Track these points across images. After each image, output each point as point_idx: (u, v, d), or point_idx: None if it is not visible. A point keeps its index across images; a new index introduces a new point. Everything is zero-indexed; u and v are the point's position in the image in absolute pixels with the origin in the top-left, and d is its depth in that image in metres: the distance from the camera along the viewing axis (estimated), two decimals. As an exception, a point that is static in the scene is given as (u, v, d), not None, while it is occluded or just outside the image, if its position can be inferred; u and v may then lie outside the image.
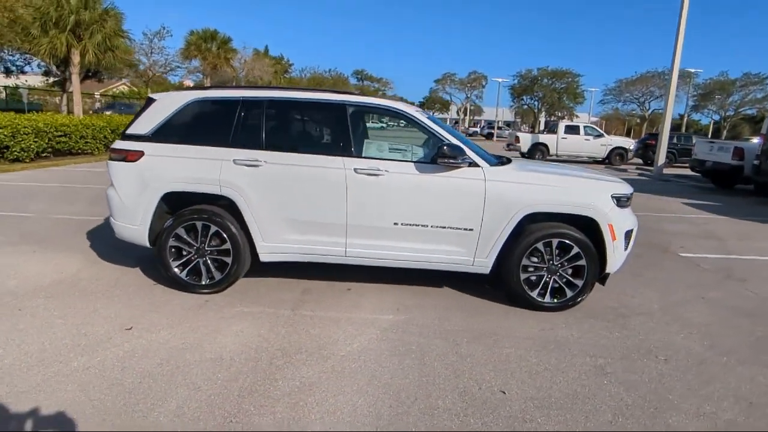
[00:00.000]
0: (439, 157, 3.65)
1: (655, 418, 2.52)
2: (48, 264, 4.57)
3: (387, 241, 3.89)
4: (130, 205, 3.96)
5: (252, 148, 3.85)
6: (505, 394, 2.70)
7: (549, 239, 3.77)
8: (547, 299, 3.87)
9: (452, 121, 72.72)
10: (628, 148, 20.28)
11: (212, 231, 3.89)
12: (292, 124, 4.07)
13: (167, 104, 4.00)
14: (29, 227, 5.90)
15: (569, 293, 3.85)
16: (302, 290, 4.18)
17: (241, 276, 4.09)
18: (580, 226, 3.82)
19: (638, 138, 26.12)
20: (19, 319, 3.39)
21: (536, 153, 19.90)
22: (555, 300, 3.88)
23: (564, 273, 3.85)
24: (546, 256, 3.82)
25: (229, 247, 3.89)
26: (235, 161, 3.81)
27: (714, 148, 12.50)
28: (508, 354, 3.17)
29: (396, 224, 3.82)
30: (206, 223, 3.87)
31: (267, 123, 3.90)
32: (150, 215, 3.93)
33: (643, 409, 2.60)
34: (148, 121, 3.99)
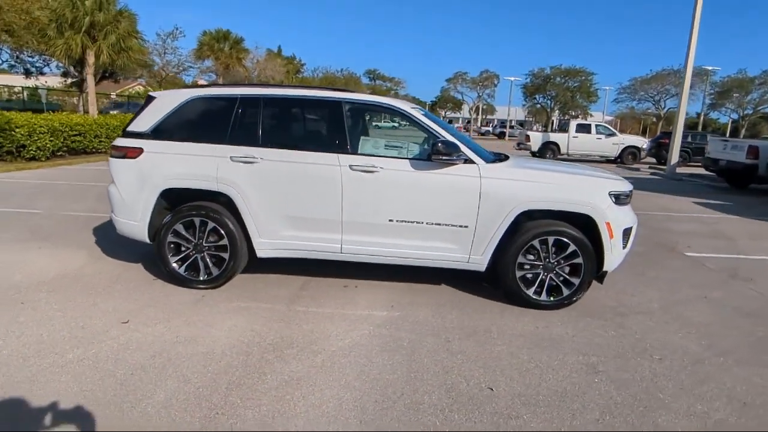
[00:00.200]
0: (434, 154, 3.65)
1: (644, 417, 2.49)
2: (53, 259, 4.67)
3: (382, 238, 3.89)
4: (130, 202, 4.03)
5: (249, 145, 3.88)
6: (492, 390, 2.69)
7: (545, 237, 3.74)
8: (543, 297, 3.84)
9: (464, 120, 72.39)
10: (641, 147, 19.97)
11: (210, 227, 3.94)
12: (289, 122, 4.10)
13: (166, 102, 4.06)
14: (38, 223, 6.03)
15: (566, 291, 3.82)
16: (299, 286, 4.21)
17: (239, 272, 4.13)
18: (578, 223, 3.79)
19: (652, 137, 25.70)
20: (21, 311, 3.47)
21: (547, 152, 19.72)
22: (551, 298, 3.84)
23: (560, 271, 3.81)
24: (542, 254, 3.79)
25: (227, 243, 3.93)
26: (232, 158, 3.85)
27: (728, 147, 12.25)
28: (499, 351, 3.16)
29: (391, 221, 3.83)
30: (204, 220, 3.92)
31: (263, 120, 3.94)
32: (149, 211, 3.99)
33: (632, 407, 2.57)
34: (147, 119, 4.05)
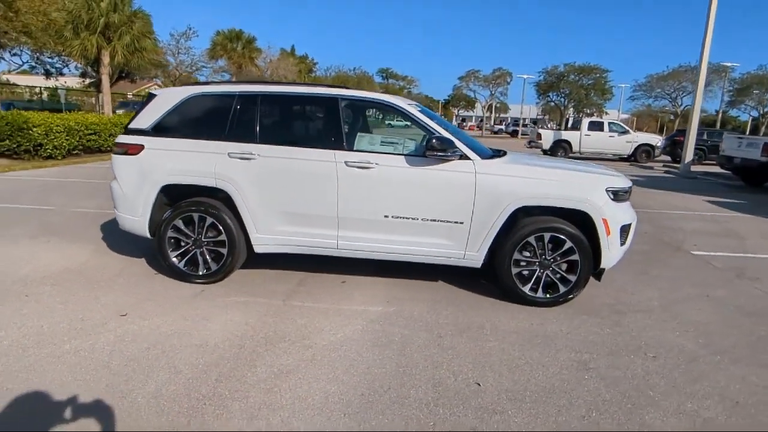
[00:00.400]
0: (428, 150, 3.64)
1: (631, 414, 2.46)
2: (59, 254, 4.79)
3: (378, 234, 3.90)
4: (131, 197, 4.11)
5: (246, 141, 3.93)
6: (479, 386, 2.69)
7: (541, 233, 3.71)
8: (539, 294, 3.82)
9: (477, 118, 71.90)
10: (655, 145, 19.61)
11: (208, 222, 3.99)
12: (286, 118, 4.13)
13: (167, 99, 4.13)
14: (49, 220, 6.18)
15: (562, 288, 3.79)
16: (297, 282, 4.25)
17: (237, 267, 4.18)
18: (575, 220, 3.75)
19: (669, 135, 25.24)
20: (24, 304, 3.57)
21: (558, 150, 19.50)
22: (547, 295, 3.82)
23: (557, 268, 3.79)
24: (538, 251, 3.76)
25: (225, 238, 3.98)
26: (230, 154, 3.90)
27: (743, 144, 11.97)
28: (491, 347, 3.15)
29: (386, 217, 3.84)
30: (203, 215, 3.98)
31: (261, 117, 3.98)
32: (150, 207, 4.06)
33: (620, 405, 2.55)
34: (148, 116, 4.13)
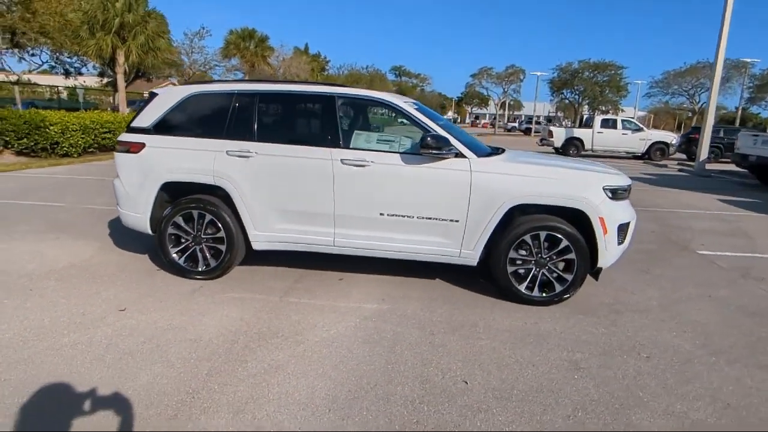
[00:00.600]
0: (423, 148, 3.64)
1: (618, 415, 2.44)
2: (66, 250, 4.90)
3: (374, 232, 3.92)
4: (133, 194, 4.19)
5: (244, 139, 3.97)
6: (467, 384, 2.69)
7: (536, 232, 3.69)
8: (535, 293, 3.79)
9: (491, 116, 71.40)
10: (670, 143, 19.26)
11: (207, 220, 4.05)
12: (283, 116, 4.17)
13: (168, 98, 4.19)
14: (58, 216, 6.32)
15: (558, 287, 3.76)
16: (295, 279, 4.29)
17: (236, 264, 4.24)
18: (572, 219, 3.72)
19: (684, 132, 24.76)
20: (28, 298, 3.66)
21: (570, 148, 19.30)
22: (543, 294, 3.79)
23: (553, 267, 3.76)
24: (534, 249, 3.74)
25: (223, 235, 4.04)
26: (228, 152, 3.95)
27: (758, 142, 11.68)
28: (482, 346, 3.15)
29: (382, 215, 3.85)
30: (202, 212, 4.04)
31: (259, 115, 4.02)
32: (151, 204, 4.13)
33: (608, 405, 2.53)
34: (150, 115, 4.20)
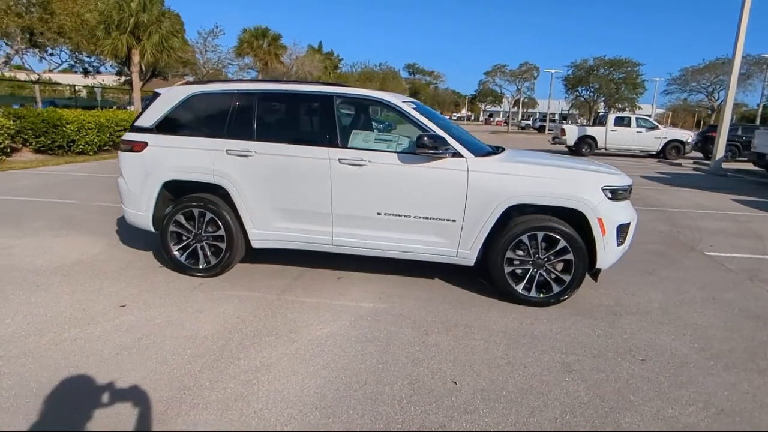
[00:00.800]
0: (419, 147, 3.64)
1: (606, 418, 2.42)
2: (74, 246, 5.01)
3: (371, 231, 3.93)
4: (136, 193, 4.27)
5: (244, 139, 4.01)
6: (456, 384, 2.69)
7: (534, 232, 3.66)
8: (532, 293, 3.77)
9: (505, 114, 70.81)
10: (686, 141, 18.88)
11: (208, 218, 4.11)
12: (282, 116, 4.20)
13: (170, 98, 4.26)
14: (70, 213, 6.47)
15: (556, 288, 3.73)
16: (295, 277, 4.32)
17: (236, 262, 4.29)
18: (570, 219, 3.68)
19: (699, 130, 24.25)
20: (34, 293, 3.76)
21: (583, 146, 19.06)
22: (541, 295, 3.76)
23: (551, 267, 3.73)
24: (531, 250, 3.71)
25: (223, 233, 4.09)
26: (228, 152, 4.00)
27: (776, 140, 11.40)
28: (474, 346, 3.14)
29: (379, 214, 3.86)
30: (202, 211, 4.09)
31: (258, 115, 4.05)
32: (153, 202, 4.20)
33: (597, 408, 2.50)
34: (152, 114, 4.27)
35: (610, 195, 3.66)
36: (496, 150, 4.31)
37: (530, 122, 60.27)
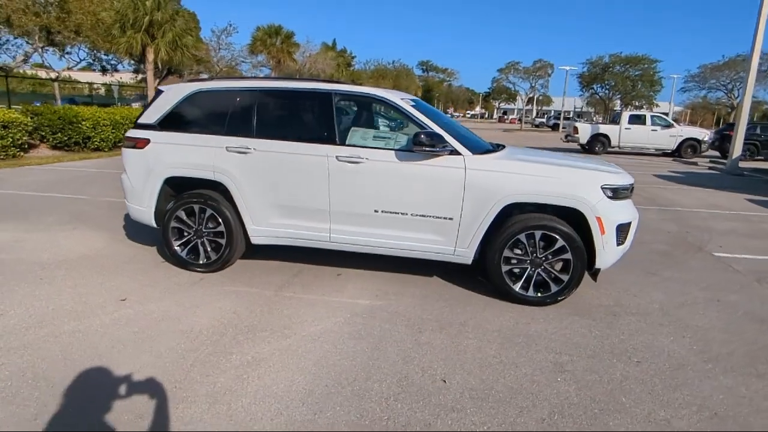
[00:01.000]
0: (416, 145, 3.63)
1: (595, 420, 2.39)
2: (80, 241, 5.11)
3: (369, 228, 3.93)
4: (138, 189, 4.33)
5: (244, 136, 4.04)
6: (445, 383, 2.68)
7: (531, 231, 3.62)
8: (530, 293, 3.73)
9: (520, 111, 70.17)
10: (702, 140, 18.47)
11: (208, 214, 4.15)
12: (281, 113, 4.21)
13: (172, 95, 4.30)
14: (80, 208, 6.59)
15: (554, 288, 3.69)
16: (294, 273, 4.35)
17: (236, 257, 4.33)
18: (569, 218, 3.64)
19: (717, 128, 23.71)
20: (37, 286, 3.84)
21: (596, 145, 18.77)
22: (538, 294, 3.73)
23: (549, 267, 3.69)
24: (529, 249, 3.68)
25: (223, 229, 4.13)
26: (228, 148, 4.03)
27: (795, 139, 11.08)
28: (467, 345, 3.12)
29: (377, 211, 3.86)
30: (203, 207, 4.14)
31: (258, 112, 4.08)
32: (155, 198, 4.26)
33: (587, 409, 2.47)
34: (155, 111, 4.32)
35: (610, 194, 3.61)
36: (497, 148, 4.27)
37: (544, 120, 59.60)
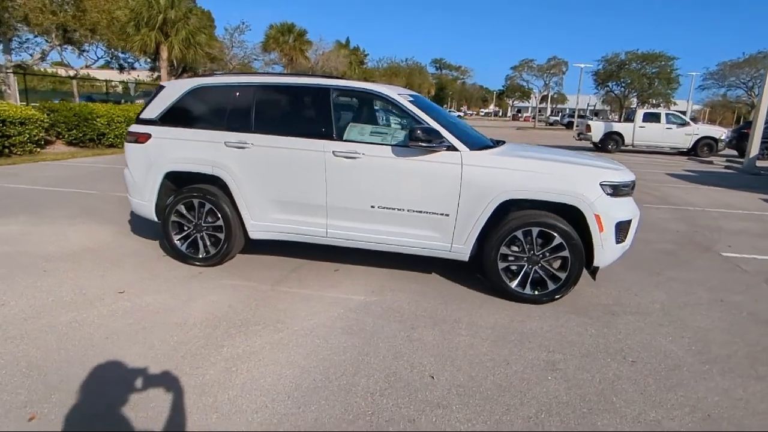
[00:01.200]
0: (411, 140, 3.60)
1: (583, 419, 2.35)
2: (86, 234, 5.19)
3: (365, 224, 3.92)
4: (140, 183, 4.38)
5: (242, 131, 4.06)
6: (433, 379, 2.66)
7: (528, 228, 3.58)
8: (527, 290, 3.69)
9: (533, 109, 69.46)
10: (719, 138, 18.05)
11: (207, 208, 4.18)
12: (279, 108, 4.21)
13: (173, 91, 4.34)
14: (89, 203, 6.70)
15: (551, 286, 3.64)
16: (292, 268, 4.36)
17: (235, 252, 4.35)
18: (568, 215, 3.58)
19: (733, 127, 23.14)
20: (40, 277, 3.91)
21: (609, 143, 18.49)
22: (535, 292, 3.68)
23: (546, 264, 3.64)
24: (526, 246, 3.63)
25: (222, 224, 4.16)
26: (226, 143, 4.05)
27: (814, 138, 10.76)
28: (459, 342, 3.09)
29: (373, 207, 3.84)
30: (202, 201, 4.17)
31: (256, 107, 4.09)
32: (155, 192, 4.31)
33: (575, 408, 2.43)
34: (156, 107, 4.36)
35: (609, 191, 3.54)
36: (496, 144, 4.23)
37: (558, 118, 58.89)
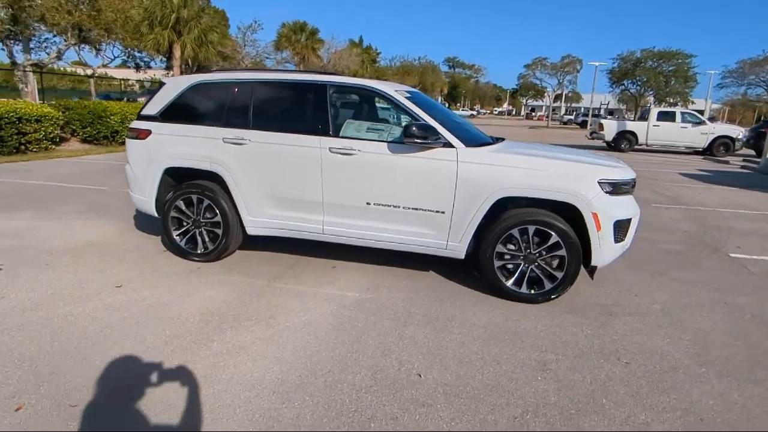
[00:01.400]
0: (406, 137, 3.57)
1: (569, 420, 2.30)
2: (91, 229, 5.27)
3: (361, 221, 3.91)
4: (140, 179, 4.43)
5: (240, 127, 4.08)
6: (420, 377, 2.64)
7: (524, 226, 3.53)
8: (523, 289, 3.64)
9: (547, 108, 68.71)
10: (736, 138, 17.64)
11: (205, 204, 4.21)
12: (277, 105, 4.21)
13: (173, 87, 4.38)
14: (97, 199, 6.80)
15: (548, 285, 3.58)
16: (289, 264, 4.37)
17: (233, 248, 4.37)
18: (565, 213, 3.52)
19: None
20: (42, 271, 3.98)
21: (622, 142, 18.22)
22: (532, 291, 3.63)
23: (543, 263, 3.58)
24: (522, 244, 3.58)
25: (220, 220, 4.18)
26: (224, 140, 4.07)
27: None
28: (450, 340, 3.06)
29: (369, 204, 3.83)
30: (200, 197, 4.20)
31: (254, 103, 4.11)
32: (155, 188, 4.35)
33: (562, 409, 2.38)
34: (157, 103, 4.40)
35: (608, 189, 3.48)
36: (495, 141, 4.18)
37: (572, 117, 58.15)
